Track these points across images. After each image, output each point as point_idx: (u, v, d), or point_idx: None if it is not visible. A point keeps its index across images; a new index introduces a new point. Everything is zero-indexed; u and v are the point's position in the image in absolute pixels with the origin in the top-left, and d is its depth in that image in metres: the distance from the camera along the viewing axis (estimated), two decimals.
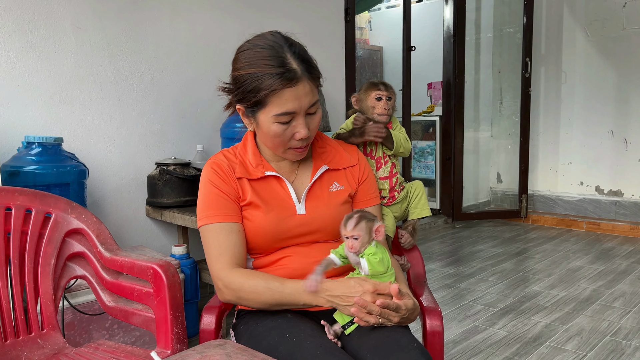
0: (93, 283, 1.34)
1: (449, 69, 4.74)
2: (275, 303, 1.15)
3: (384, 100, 1.46)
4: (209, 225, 1.21)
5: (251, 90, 1.14)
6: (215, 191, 1.22)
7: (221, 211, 1.21)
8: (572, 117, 4.84)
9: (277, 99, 1.12)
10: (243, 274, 1.16)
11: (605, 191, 4.69)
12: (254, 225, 1.22)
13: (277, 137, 1.17)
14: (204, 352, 0.98)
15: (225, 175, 1.24)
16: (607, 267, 3.49)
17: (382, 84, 1.49)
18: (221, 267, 1.17)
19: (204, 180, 1.25)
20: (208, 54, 2.81)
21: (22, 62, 2.18)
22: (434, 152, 5.05)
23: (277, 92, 1.12)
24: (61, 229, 1.31)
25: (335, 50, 3.59)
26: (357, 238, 1.10)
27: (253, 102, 1.15)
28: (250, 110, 1.18)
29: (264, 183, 1.26)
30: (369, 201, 1.35)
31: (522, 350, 2.28)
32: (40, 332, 1.26)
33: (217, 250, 1.18)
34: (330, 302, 1.09)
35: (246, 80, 1.14)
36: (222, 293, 1.18)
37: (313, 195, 1.27)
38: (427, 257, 3.85)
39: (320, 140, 1.35)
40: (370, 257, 1.10)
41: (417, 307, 1.12)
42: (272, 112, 1.14)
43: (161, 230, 2.66)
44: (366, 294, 1.04)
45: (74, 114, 2.34)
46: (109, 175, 2.47)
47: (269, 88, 1.11)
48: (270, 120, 1.15)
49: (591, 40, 4.66)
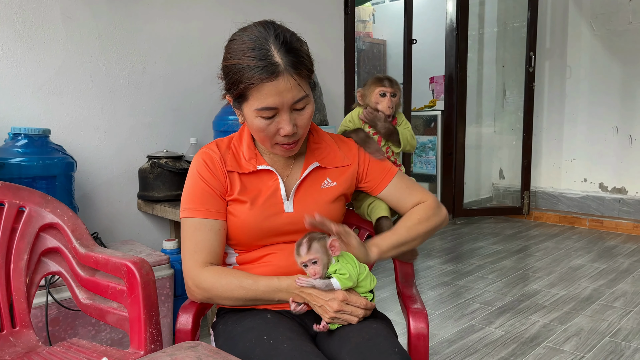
0: (68, 279, 1.29)
1: (451, 63, 4.66)
2: (249, 299, 1.12)
3: (388, 96, 1.40)
4: (190, 219, 1.17)
5: (233, 82, 1.10)
6: (201, 185, 1.18)
7: (204, 207, 1.17)
8: (577, 112, 4.76)
9: (257, 93, 1.08)
10: (214, 273, 1.12)
11: (609, 188, 4.62)
12: (238, 221, 1.18)
13: (261, 131, 1.13)
14: (174, 354, 0.93)
15: (215, 168, 1.19)
16: (609, 266, 3.43)
17: (388, 80, 1.43)
18: (193, 265, 1.14)
19: (193, 172, 1.20)
20: (202, 46, 2.76)
21: (10, 52, 2.14)
22: (435, 147, 4.99)
23: (256, 86, 1.07)
24: (35, 223, 1.26)
25: (335, 42, 3.53)
26: (315, 262, 1.05)
27: (236, 95, 1.11)
28: (237, 102, 1.14)
29: (255, 177, 1.21)
30: (385, 180, 1.29)
31: (519, 351, 2.23)
32: (12, 330, 1.22)
33: (192, 246, 1.14)
34: (304, 300, 1.09)
35: (230, 72, 1.10)
36: (192, 292, 1.14)
37: (303, 192, 1.22)
38: (426, 253, 3.80)
39: (316, 136, 1.29)
40: (338, 275, 1.06)
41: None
42: (253, 106, 1.10)
43: (153, 224, 2.62)
44: (334, 301, 1.06)
45: (63, 105, 2.29)
46: (100, 168, 2.42)
47: (248, 81, 1.07)
48: (252, 114, 1.11)
49: (597, 34, 4.57)
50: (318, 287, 1.06)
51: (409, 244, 1.24)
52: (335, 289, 1.06)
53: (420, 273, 3.33)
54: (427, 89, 5.29)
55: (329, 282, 1.06)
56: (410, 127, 1.45)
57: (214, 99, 2.78)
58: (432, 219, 1.27)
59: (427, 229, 1.26)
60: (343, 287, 1.06)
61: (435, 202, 1.30)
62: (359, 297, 1.09)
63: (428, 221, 1.26)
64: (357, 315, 1.08)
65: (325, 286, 1.06)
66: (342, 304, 1.06)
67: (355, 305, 1.08)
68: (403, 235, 1.23)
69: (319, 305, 1.08)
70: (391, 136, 1.40)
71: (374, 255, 1.17)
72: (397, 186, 1.29)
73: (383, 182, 1.29)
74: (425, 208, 1.28)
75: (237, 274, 1.13)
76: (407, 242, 1.23)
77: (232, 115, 2.44)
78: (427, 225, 1.26)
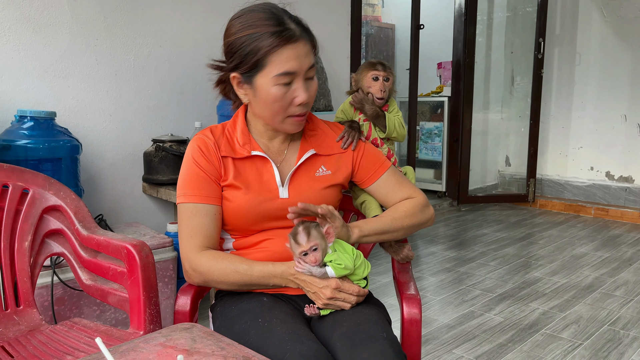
0: (71, 260, 1.32)
1: (459, 49, 4.63)
2: (244, 284, 1.14)
3: (380, 80, 1.41)
4: (186, 205, 1.19)
5: (249, 52, 1.10)
6: (196, 170, 1.20)
7: (200, 192, 1.19)
8: (585, 100, 4.72)
9: (277, 57, 1.09)
10: (211, 257, 1.15)
11: (616, 177, 4.59)
12: (233, 206, 1.19)
13: (277, 101, 1.13)
14: (169, 335, 0.96)
15: (210, 154, 1.21)
16: (612, 255, 3.43)
17: (380, 64, 1.43)
18: (190, 250, 1.16)
19: (188, 157, 1.22)
20: (207, 29, 2.76)
21: (16, 35, 2.15)
22: (441, 133, 4.97)
23: (278, 49, 1.09)
24: (39, 205, 1.29)
25: (341, 27, 3.51)
26: (316, 249, 1.07)
27: (252, 65, 1.11)
28: (247, 76, 1.14)
29: (249, 163, 1.22)
30: (377, 173, 1.30)
31: (517, 337, 2.25)
32: (16, 309, 1.26)
33: (189, 231, 1.16)
34: (298, 285, 1.12)
35: (243, 43, 1.11)
36: (189, 275, 1.17)
37: (298, 179, 1.23)
38: (430, 240, 3.81)
39: (311, 122, 1.30)
40: (335, 265, 1.08)
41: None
42: (272, 72, 1.11)
43: (158, 207, 2.65)
44: (327, 288, 1.08)
45: (69, 88, 2.31)
46: (105, 150, 2.45)
47: (270, 45, 1.09)
48: (270, 82, 1.12)
49: (607, 21, 4.51)
50: (315, 274, 1.08)
51: (391, 234, 1.25)
52: (330, 277, 1.08)
53: (422, 259, 3.35)
54: (434, 74, 5.25)
55: (324, 270, 1.08)
56: (400, 116, 1.45)
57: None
58: (417, 215, 1.28)
59: (412, 223, 1.27)
60: (338, 276, 1.08)
61: (424, 200, 1.32)
62: (351, 284, 1.11)
63: (413, 216, 1.27)
64: (349, 302, 1.11)
65: (321, 275, 1.08)
66: (335, 291, 1.08)
67: (348, 293, 1.10)
68: (386, 224, 1.24)
69: (312, 291, 1.10)
70: (377, 119, 1.40)
71: (354, 236, 1.18)
72: (387, 181, 1.30)
73: (374, 175, 1.30)
74: (413, 203, 1.29)
75: (232, 259, 1.15)
76: (389, 232, 1.24)
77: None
78: (412, 220, 1.27)
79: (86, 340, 1.17)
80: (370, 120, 1.41)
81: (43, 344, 1.18)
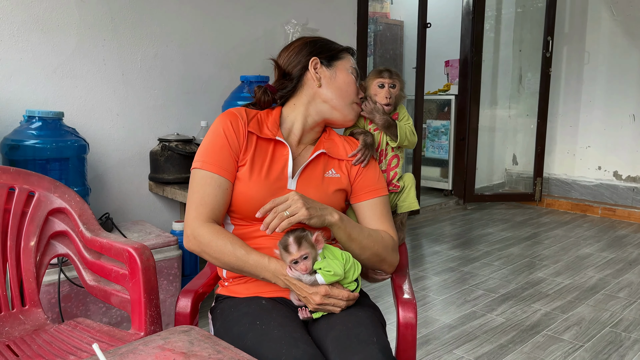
0: (76, 261, 1.36)
1: (467, 46, 4.62)
2: (237, 269, 1.17)
3: (386, 87, 1.42)
4: (202, 171, 1.21)
5: (330, 47, 1.35)
6: (222, 141, 1.23)
7: (219, 163, 1.21)
8: (593, 99, 4.69)
9: (348, 60, 1.36)
10: (214, 231, 1.17)
11: (624, 177, 4.57)
12: (243, 187, 1.22)
13: (352, 85, 1.34)
14: (168, 338, 0.99)
15: (238, 126, 1.25)
16: (618, 255, 3.43)
17: (387, 71, 1.45)
18: (196, 217, 1.18)
19: (217, 126, 1.25)
20: (213, 30, 2.78)
21: (25, 36, 2.19)
22: (448, 131, 4.97)
23: (348, 55, 1.37)
24: (44, 207, 1.33)
25: (347, 25, 3.52)
26: (306, 257, 1.09)
27: (334, 52, 1.34)
28: (329, 59, 1.32)
29: (270, 146, 1.27)
30: (370, 194, 1.33)
31: (518, 338, 2.27)
32: (22, 308, 1.29)
33: (199, 198, 1.19)
34: (286, 286, 1.14)
35: (324, 43, 1.35)
36: (189, 241, 1.19)
37: (307, 174, 1.28)
38: (435, 238, 3.83)
39: (328, 132, 1.39)
40: (324, 272, 1.10)
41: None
42: (347, 64, 1.35)
43: (164, 206, 2.69)
44: (316, 294, 1.11)
45: (76, 88, 2.35)
46: (112, 149, 2.49)
47: (344, 50, 1.37)
48: (348, 69, 1.34)
49: (617, 19, 4.47)
50: (305, 282, 1.10)
51: (357, 247, 1.23)
52: (320, 284, 1.10)
53: (427, 258, 3.36)
54: (442, 72, 5.24)
55: (314, 278, 1.10)
56: (411, 123, 1.47)
57: (224, 83, 2.81)
58: (389, 251, 1.29)
59: (380, 253, 1.26)
60: (328, 282, 1.10)
61: (397, 244, 1.33)
62: (341, 290, 1.13)
63: (385, 250, 1.28)
64: (339, 306, 1.13)
65: (311, 282, 1.10)
66: (324, 297, 1.11)
67: (337, 298, 1.12)
68: (363, 236, 1.24)
69: (302, 296, 1.13)
70: (389, 129, 1.42)
71: (334, 219, 1.17)
72: (375, 206, 1.32)
73: (367, 194, 1.33)
74: (391, 240, 1.30)
75: (233, 240, 1.16)
76: (358, 244, 1.23)
77: (242, 100, 2.48)
78: (382, 251, 1.27)
79: (89, 340, 1.20)
80: (381, 129, 1.43)
81: (47, 343, 1.21)
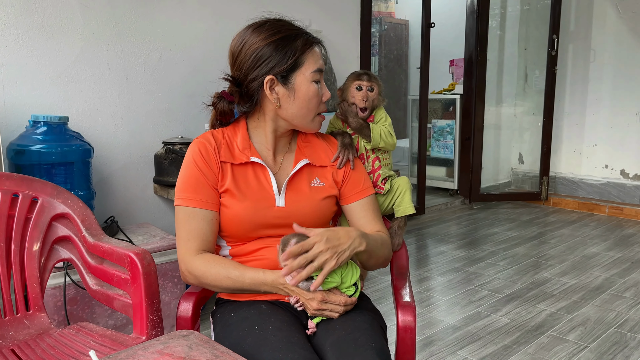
0: (79, 266, 1.37)
1: (471, 45, 4.60)
2: (237, 289, 1.18)
3: (364, 90, 1.42)
4: (184, 208, 1.21)
5: (286, 52, 1.19)
6: (196, 174, 1.22)
7: (198, 196, 1.21)
8: (600, 97, 4.66)
9: (311, 57, 1.21)
10: (205, 261, 1.18)
11: (631, 175, 4.54)
12: (230, 213, 1.22)
13: (315, 97, 1.23)
14: (167, 342, 1.00)
15: (209, 158, 1.23)
16: (624, 255, 3.41)
17: (365, 74, 1.45)
18: (186, 252, 1.19)
19: (189, 160, 1.24)
20: (216, 33, 2.79)
21: (30, 41, 2.21)
22: (453, 131, 4.96)
23: (311, 48, 1.22)
24: (47, 213, 1.34)
25: (350, 26, 3.53)
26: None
27: (291, 64, 1.19)
28: (284, 76, 1.20)
29: (247, 169, 1.25)
30: (359, 194, 1.33)
31: (522, 339, 2.26)
32: (26, 313, 1.31)
33: (186, 234, 1.20)
34: (286, 294, 1.15)
35: (279, 45, 1.19)
36: (185, 277, 1.21)
37: (293, 187, 1.26)
38: (440, 238, 3.82)
39: (304, 134, 1.35)
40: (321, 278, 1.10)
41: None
42: (309, 69, 1.21)
43: (168, 208, 2.71)
44: (314, 300, 1.11)
45: (81, 93, 2.37)
46: (117, 153, 2.51)
47: (305, 44, 1.20)
48: (308, 79, 1.21)
49: (623, 17, 4.44)
50: (302, 288, 1.11)
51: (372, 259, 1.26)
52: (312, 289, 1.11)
53: (431, 259, 3.36)
54: (447, 72, 5.23)
55: (310, 284, 1.10)
56: (388, 124, 1.44)
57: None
58: (390, 251, 1.35)
59: (385, 256, 1.31)
60: (325, 289, 1.11)
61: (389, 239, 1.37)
62: (338, 296, 1.13)
63: (389, 252, 1.33)
64: (337, 311, 1.14)
65: (307, 288, 1.11)
66: (321, 303, 1.12)
67: (334, 304, 1.13)
68: (377, 246, 1.25)
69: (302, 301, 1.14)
70: (361, 131, 1.41)
71: (360, 248, 1.17)
72: (365, 206, 1.33)
73: (357, 195, 1.33)
74: (388, 238, 1.33)
75: (226, 264, 1.17)
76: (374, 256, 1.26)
77: None
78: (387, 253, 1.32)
79: (92, 344, 1.21)
80: (354, 131, 1.43)
81: (51, 348, 1.23)
